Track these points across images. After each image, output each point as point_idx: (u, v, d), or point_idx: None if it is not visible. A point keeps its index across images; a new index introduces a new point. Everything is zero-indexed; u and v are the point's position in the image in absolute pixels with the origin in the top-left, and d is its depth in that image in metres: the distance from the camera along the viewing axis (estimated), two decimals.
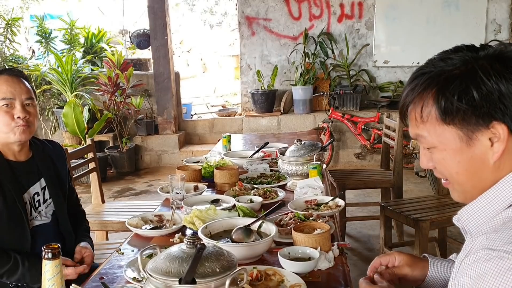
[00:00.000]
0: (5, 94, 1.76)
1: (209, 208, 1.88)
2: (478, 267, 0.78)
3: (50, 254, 0.86)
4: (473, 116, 0.88)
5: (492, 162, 0.90)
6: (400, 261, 1.24)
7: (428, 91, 0.91)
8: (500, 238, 0.81)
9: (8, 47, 6.55)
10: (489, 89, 0.86)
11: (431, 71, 0.92)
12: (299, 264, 1.44)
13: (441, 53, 0.93)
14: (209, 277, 1.06)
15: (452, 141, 0.91)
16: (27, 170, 1.87)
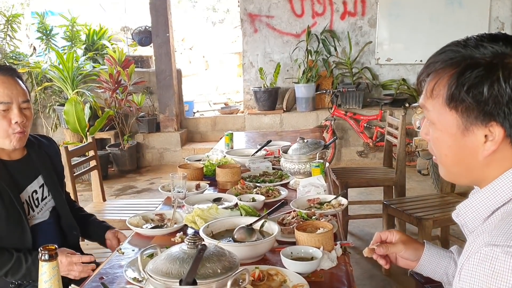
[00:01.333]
0: (2, 98, 1.70)
1: (210, 207, 1.86)
2: (487, 266, 0.77)
3: (47, 256, 0.83)
4: (475, 111, 0.87)
5: (482, 157, 0.90)
6: (397, 239, 1.29)
7: (447, 71, 0.90)
8: (502, 234, 0.80)
9: (9, 44, 6.53)
10: (501, 91, 0.85)
11: (460, 51, 0.90)
12: (302, 264, 1.42)
13: (480, 37, 0.91)
14: (210, 278, 1.03)
15: (450, 125, 0.92)
16: (23, 168, 1.85)
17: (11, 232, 1.74)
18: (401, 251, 1.27)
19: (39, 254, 0.84)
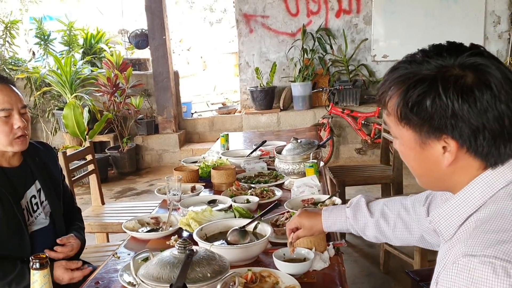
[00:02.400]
0: (3, 104, 1.75)
1: (205, 210, 1.88)
2: (465, 277, 0.78)
3: (38, 264, 0.86)
4: (425, 126, 0.89)
5: (445, 167, 0.92)
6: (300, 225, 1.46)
7: (396, 89, 0.92)
8: (477, 243, 0.81)
9: (8, 50, 6.56)
10: (443, 105, 0.86)
11: (408, 68, 0.91)
12: (294, 266, 1.44)
13: (426, 51, 0.92)
14: (200, 282, 1.06)
15: (408, 140, 0.94)
16: (21, 174, 1.88)
17: (11, 238, 1.77)
18: (310, 233, 1.46)
19: (30, 263, 0.86)
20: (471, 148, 0.88)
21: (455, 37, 4.67)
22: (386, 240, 1.40)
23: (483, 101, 0.84)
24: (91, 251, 2.59)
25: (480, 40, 6.04)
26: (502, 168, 0.90)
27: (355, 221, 1.41)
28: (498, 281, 0.74)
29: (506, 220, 0.83)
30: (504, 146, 0.88)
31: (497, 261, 0.75)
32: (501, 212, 0.86)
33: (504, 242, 0.78)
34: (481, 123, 0.85)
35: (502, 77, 0.86)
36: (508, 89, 0.86)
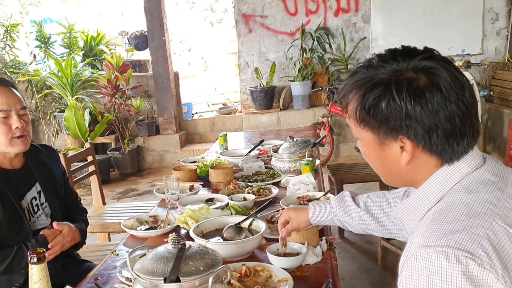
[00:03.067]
0: (1, 106, 1.80)
1: (201, 208, 1.92)
2: (422, 267, 0.82)
3: (36, 259, 0.90)
4: (382, 128, 0.94)
5: (403, 166, 0.96)
6: (288, 219, 1.53)
7: (354, 92, 0.96)
8: (432, 234, 0.85)
9: (8, 53, 6.61)
10: (397, 107, 0.90)
11: (365, 73, 0.95)
12: (287, 260, 1.48)
13: (382, 56, 0.96)
14: (193, 275, 1.10)
15: (369, 141, 0.98)
16: (22, 176, 1.92)
17: (13, 238, 1.80)
18: (297, 227, 1.53)
19: (28, 258, 0.90)
20: (426, 147, 0.93)
21: (454, 34, 4.77)
22: (369, 230, 1.45)
23: (434, 102, 0.89)
24: (92, 250, 2.64)
25: (478, 37, 6.07)
26: (458, 163, 0.95)
27: (339, 210, 1.46)
28: (451, 268, 0.78)
29: (458, 211, 0.87)
30: (457, 144, 0.93)
31: (449, 250, 0.80)
32: (455, 204, 0.90)
33: (456, 232, 0.83)
34: (434, 123, 0.90)
35: (451, 79, 0.91)
36: (458, 90, 0.91)
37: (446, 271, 0.79)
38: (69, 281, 1.68)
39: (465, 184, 0.93)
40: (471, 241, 0.80)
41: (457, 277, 0.78)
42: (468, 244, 0.80)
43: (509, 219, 0.86)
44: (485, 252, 0.79)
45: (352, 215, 1.45)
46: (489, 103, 5.59)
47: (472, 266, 0.78)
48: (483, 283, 0.78)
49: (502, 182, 0.95)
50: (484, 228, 0.83)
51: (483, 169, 0.95)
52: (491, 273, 0.78)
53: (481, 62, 5.91)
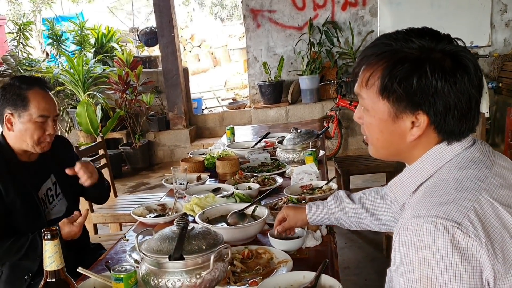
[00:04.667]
0: (43, 111, 1.88)
1: (208, 196, 2.00)
2: (413, 236, 0.88)
3: (50, 235, 0.98)
4: (405, 100, 0.98)
5: (409, 141, 1.02)
6: (285, 216, 1.59)
7: (380, 64, 0.99)
8: (423, 206, 0.91)
9: (22, 51, 6.76)
10: (428, 83, 0.95)
11: (391, 45, 0.99)
12: (287, 242, 1.55)
13: (408, 31, 1.00)
14: (196, 253, 1.18)
15: (382, 113, 1.02)
16: (38, 168, 2.01)
17: (29, 227, 1.89)
18: (294, 224, 1.59)
19: (42, 235, 0.98)
20: (439, 125, 0.99)
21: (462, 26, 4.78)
22: (364, 225, 1.52)
23: (462, 84, 0.95)
24: (104, 239, 2.73)
25: (487, 28, 6.05)
26: (455, 143, 1.01)
27: (335, 208, 1.54)
28: (438, 236, 0.85)
29: (448, 186, 0.94)
30: (465, 126, 0.99)
31: (438, 220, 0.86)
32: (445, 179, 0.97)
33: (445, 204, 0.89)
34: (455, 103, 0.96)
35: (475, 65, 0.98)
36: (479, 76, 0.98)
37: (434, 239, 0.85)
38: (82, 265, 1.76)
39: (456, 162, 1.00)
40: (458, 212, 0.87)
41: (444, 245, 0.84)
42: (456, 215, 0.87)
43: (495, 194, 0.93)
44: (471, 223, 0.86)
45: (347, 211, 1.52)
46: (497, 95, 5.58)
47: (458, 235, 0.84)
48: (468, 250, 0.84)
49: (489, 161, 1.01)
50: (471, 201, 0.89)
51: (473, 149, 1.02)
52: (475, 241, 0.84)
53: (489, 54, 5.90)
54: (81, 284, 1.40)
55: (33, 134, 1.88)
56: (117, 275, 1.17)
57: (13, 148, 1.92)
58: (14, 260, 1.85)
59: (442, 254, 0.84)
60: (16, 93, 1.86)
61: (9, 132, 1.90)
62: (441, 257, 0.84)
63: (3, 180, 1.83)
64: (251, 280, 1.37)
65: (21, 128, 1.87)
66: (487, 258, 0.84)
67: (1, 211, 1.82)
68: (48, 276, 1.02)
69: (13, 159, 1.92)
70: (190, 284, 1.16)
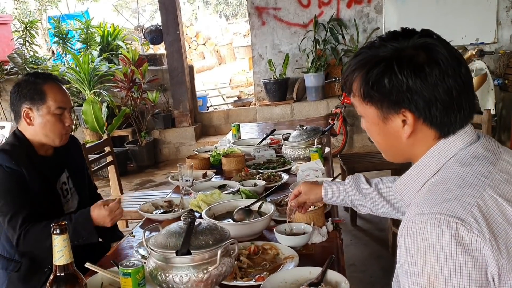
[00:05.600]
0: (60, 103, 1.93)
1: (214, 192, 2.01)
2: (417, 233, 0.88)
3: (59, 230, 0.99)
4: (385, 102, 1.00)
5: (404, 139, 1.03)
6: (301, 190, 1.63)
7: (358, 71, 1.03)
8: (427, 203, 0.92)
9: (28, 49, 6.79)
10: (399, 81, 0.97)
11: (368, 53, 1.02)
12: (293, 238, 1.56)
13: (383, 37, 1.03)
14: (203, 248, 1.18)
15: (372, 117, 1.04)
16: (54, 162, 2.05)
17: (50, 214, 1.91)
18: (306, 199, 1.62)
19: (51, 229, 1.00)
20: (427, 119, 0.99)
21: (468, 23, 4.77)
22: (376, 209, 1.52)
23: (433, 76, 0.96)
24: None
25: (493, 25, 6.02)
26: (453, 138, 1.01)
27: (351, 188, 1.55)
28: (442, 232, 0.85)
29: (451, 182, 0.94)
30: (455, 116, 0.99)
31: (441, 217, 0.86)
32: (449, 176, 0.97)
33: (448, 201, 0.89)
34: (433, 96, 0.96)
35: (448, 54, 0.97)
36: (455, 65, 0.97)
37: (438, 236, 0.86)
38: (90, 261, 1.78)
39: (459, 158, 1.00)
40: (462, 209, 0.87)
41: (447, 241, 0.85)
42: (459, 211, 0.87)
43: (499, 189, 0.93)
44: (475, 219, 0.86)
45: (363, 192, 1.54)
46: (503, 92, 5.55)
47: (462, 231, 0.85)
48: (471, 246, 0.84)
49: (494, 157, 1.01)
50: (475, 197, 0.89)
51: (477, 145, 1.02)
52: (479, 237, 0.84)
53: (495, 50, 5.86)
54: (89, 280, 1.41)
55: (53, 126, 1.92)
56: (125, 270, 1.18)
57: (32, 142, 1.96)
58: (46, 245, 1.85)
59: (446, 250, 0.85)
60: (33, 88, 1.91)
61: (28, 127, 1.93)
62: (445, 254, 0.85)
63: (29, 171, 1.86)
64: (257, 275, 1.38)
65: (40, 122, 1.91)
66: (491, 254, 0.84)
67: (29, 199, 1.85)
68: (57, 271, 1.03)
69: (33, 153, 1.95)
70: (197, 279, 1.17)
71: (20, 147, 1.91)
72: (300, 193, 1.62)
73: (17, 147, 1.91)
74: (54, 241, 1.00)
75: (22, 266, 1.91)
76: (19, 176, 1.84)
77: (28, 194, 1.85)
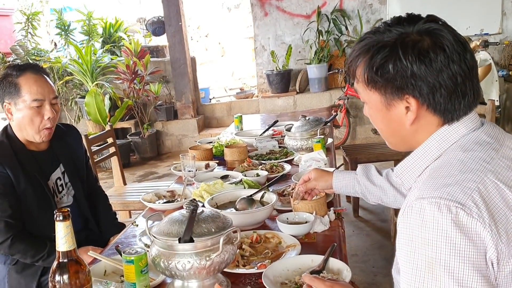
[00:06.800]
0: (36, 95, 1.85)
1: (216, 182, 2.01)
2: (417, 217, 0.88)
3: (61, 217, 1.00)
4: (389, 88, 0.99)
5: (408, 126, 1.02)
6: (311, 176, 1.64)
7: (362, 57, 1.02)
8: (427, 187, 0.91)
9: (30, 41, 6.78)
10: (403, 67, 0.96)
11: (372, 38, 1.01)
12: (295, 227, 1.56)
13: (388, 22, 1.02)
14: (205, 236, 1.19)
15: (376, 103, 1.04)
16: (48, 158, 2.02)
17: (41, 216, 1.91)
18: (316, 185, 1.63)
19: (54, 216, 1.00)
20: (431, 105, 0.98)
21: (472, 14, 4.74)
22: (386, 199, 1.53)
23: (437, 62, 0.95)
24: None
25: (498, 15, 5.97)
26: (456, 124, 1.00)
27: (362, 177, 1.56)
28: (442, 216, 0.85)
29: (452, 167, 0.94)
30: (459, 103, 0.99)
31: (441, 201, 0.86)
32: (450, 161, 0.96)
33: (448, 185, 0.89)
34: (437, 81, 0.96)
35: (454, 40, 0.96)
36: (460, 51, 0.96)
37: (437, 220, 0.85)
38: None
39: (461, 144, 0.99)
40: (462, 193, 0.87)
41: (447, 225, 0.85)
42: (459, 195, 0.87)
43: (501, 175, 0.92)
44: (475, 203, 0.86)
45: (374, 181, 1.54)
46: (507, 83, 5.52)
47: (461, 215, 0.84)
48: (471, 230, 0.84)
49: (497, 144, 1.00)
50: (476, 182, 0.89)
51: (480, 131, 1.01)
52: (479, 221, 0.84)
53: (500, 41, 5.82)
54: (92, 267, 1.41)
55: (31, 121, 1.86)
56: (128, 257, 1.19)
57: (19, 138, 1.92)
58: (28, 261, 1.87)
59: (446, 234, 0.85)
60: (9, 81, 1.85)
61: (12, 122, 1.90)
62: (445, 238, 0.85)
63: (14, 170, 1.84)
64: (259, 263, 1.38)
65: (19, 117, 1.86)
66: (490, 238, 0.84)
67: (15, 200, 1.84)
68: (60, 257, 1.04)
69: (21, 149, 1.91)
70: (200, 266, 1.18)
71: (6, 145, 1.87)
72: (310, 179, 1.63)
73: (3, 145, 1.87)
74: (57, 227, 1.00)
75: (19, 260, 1.92)
76: (2, 178, 1.81)
77: (12, 195, 1.82)
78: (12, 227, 1.81)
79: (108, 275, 1.44)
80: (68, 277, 1.04)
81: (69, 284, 1.04)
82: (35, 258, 1.85)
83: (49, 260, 1.86)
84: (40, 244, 1.86)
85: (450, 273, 0.84)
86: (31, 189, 1.88)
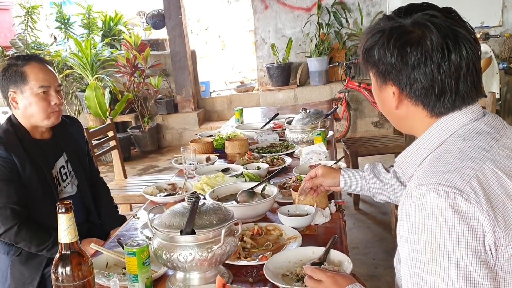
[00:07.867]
0: (42, 82, 1.91)
1: (217, 175, 2.02)
2: (416, 203, 0.90)
3: (64, 209, 1.00)
4: (376, 71, 1.03)
5: (394, 109, 1.05)
6: (319, 173, 1.63)
7: (364, 37, 1.06)
8: (427, 175, 0.93)
9: (30, 34, 6.77)
10: (384, 55, 0.99)
11: (379, 23, 1.04)
12: (296, 219, 1.56)
13: (397, 11, 1.03)
14: (207, 228, 1.19)
15: (373, 82, 1.08)
16: (52, 146, 2.04)
17: (45, 204, 1.92)
18: (322, 182, 1.63)
19: (56, 208, 1.00)
20: (409, 96, 1.01)
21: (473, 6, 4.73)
22: (394, 196, 1.52)
23: (412, 57, 0.97)
24: None
25: (498, 8, 5.95)
26: (457, 114, 1.01)
27: (370, 175, 1.56)
28: (440, 202, 0.87)
29: (452, 155, 0.95)
30: (437, 100, 0.99)
31: (440, 187, 0.88)
32: (450, 149, 0.98)
33: (447, 172, 0.91)
34: (413, 76, 0.98)
35: (442, 38, 0.95)
36: (444, 51, 0.95)
37: (436, 205, 0.87)
38: None
39: (461, 133, 1.00)
40: (461, 180, 0.88)
41: (446, 210, 0.86)
42: (458, 182, 0.88)
43: (500, 164, 0.93)
44: (473, 190, 0.87)
45: (382, 179, 1.55)
46: (508, 76, 5.51)
47: (459, 201, 0.86)
48: (469, 216, 0.86)
49: (498, 134, 1.01)
50: (474, 169, 0.91)
51: (480, 121, 1.02)
52: (476, 207, 0.86)
53: (500, 34, 5.81)
54: (94, 259, 1.42)
55: (38, 106, 1.90)
56: (130, 249, 1.19)
57: (25, 126, 1.95)
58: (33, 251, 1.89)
59: (444, 219, 0.86)
60: (14, 70, 1.90)
61: (17, 111, 1.93)
62: (444, 223, 0.86)
63: (19, 157, 1.86)
64: (261, 255, 1.39)
65: (25, 104, 1.90)
66: (488, 223, 0.85)
67: (21, 187, 1.86)
68: (62, 249, 1.04)
69: (26, 137, 1.94)
70: (202, 258, 1.18)
71: (12, 133, 1.90)
72: (317, 176, 1.63)
73: (9, 133, 1.90)
74: (59, 219, 1.01)
75: (23, 250, 1.92)
76: (9, 164, 1.83)
77: (18, 182, 1.85)
78: (19, 215, 1.83)
79: (110, 267, 1.45)
80: (71, 269, 1.04)
81: (72, 276, 1.05)
82: (40, 247, 1.86)
83: (53, 250, 1.87)
84: (45, 233, 1.87)
85: (449, 258, 0.85)
86: (36, 177, 1.90)
